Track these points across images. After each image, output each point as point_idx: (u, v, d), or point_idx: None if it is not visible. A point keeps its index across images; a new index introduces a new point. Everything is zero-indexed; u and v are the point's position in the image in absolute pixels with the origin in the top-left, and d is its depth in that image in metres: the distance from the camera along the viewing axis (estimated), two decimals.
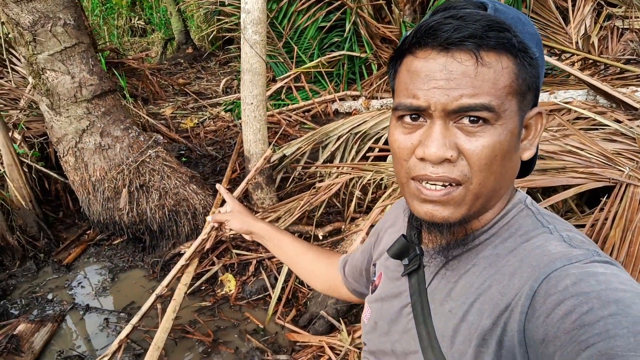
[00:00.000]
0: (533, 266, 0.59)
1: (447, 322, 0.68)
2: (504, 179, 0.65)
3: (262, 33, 3.10)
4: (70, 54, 3.05)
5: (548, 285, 0.56)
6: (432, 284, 0.73)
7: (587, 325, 0.49)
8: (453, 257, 0.71)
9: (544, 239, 0.63)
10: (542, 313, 0.54)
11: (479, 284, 0.65)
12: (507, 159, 0.63)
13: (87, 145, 3.20)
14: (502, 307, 0.60)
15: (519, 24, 0.64)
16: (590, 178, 2.59)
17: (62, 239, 3.71)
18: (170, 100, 5.60)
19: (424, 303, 0.72)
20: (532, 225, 0.67)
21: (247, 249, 3.22)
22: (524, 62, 0.61)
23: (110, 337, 2.84)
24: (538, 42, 0.66)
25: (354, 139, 3.84)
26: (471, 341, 0.63)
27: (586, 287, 0.52)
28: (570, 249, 0.60)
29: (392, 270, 0.83)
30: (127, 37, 8.75)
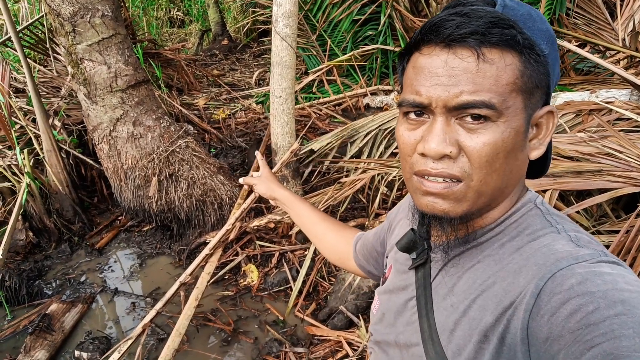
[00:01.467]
0: (539, 264, 0.59)
1: (448, 316, 0.68)
2: (508, 178, 0.64)
3: (293, 26, 3.10)
4: (107, 44, 3.14)
5: (554, 284, 0.55)
6: (437, 279, 0.74)
7: (592, 325, 0.49)
8: (458, 253, 0.71)
9: (551, 238, 0.62)
10: (547, 312, 0.54)
11: (482, 280, 0.65)
12: (512, 157, 0.62)
13: (120, 134, 3.29)
14: (505, 304, 0.60)
15: (529, 20, 0.63)
16: (628, 182, 2.47)
17: (95, 223, 3.85)
18: (204, 91, 5.70)
19: (427, 297, 0.73)
20: (540, 224, 0.66)
21: (270, 241, 3.26)
22: (529, 59, 0.60)
23: (136, 320, 2.93)
24: (550, 38, 0.64)
25: (383, 135, 3.80)
26: (472, 336, 0.63)
27: (592, 287, 0.52)
28: (577, 249, 0.59)
29: (400, 263, 0.84)
30: (166, 28, 8.93)
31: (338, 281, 2.86)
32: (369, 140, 3.79)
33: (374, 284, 2.76)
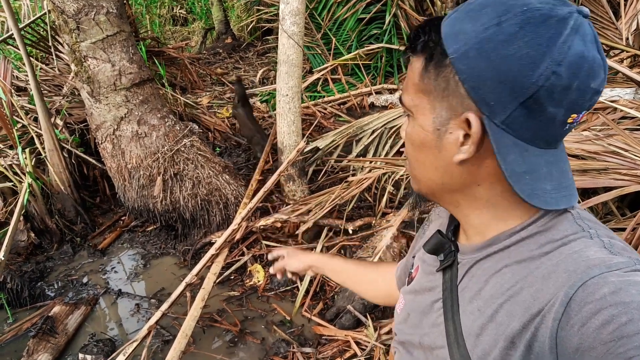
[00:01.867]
0: (569, 271, 0.56)
1: (475, 320, 0.66)
2: (441, 174, 0.67)
3: (300, 24, 3.06)
4: (111, 42, 3.10)
5: (585, 292, 0.52)
6: (463, 282, 0.72)
7: (625, 337, 0.47)
8: (485, 256, 0.69)
9: (582, 244, 0.59)
10: (577, 321, 0.52)
11: (509, 285, 0.63)
12: (422, 151, 0.67)
13: (124, 133, 3.25)
14: (533, 311, 0.58)
15: (456, 23, 0.60)
16: (634, 180, 2.44)
17: (98, 224, 3.82)
18: (207, 89, 5.66)
19: (454, 299, 0.72)
20: (570, 228, 0.62)
21: (277, 241, 3.22)
22: (429, 62, 0.62)
23: (140, 322, 2.89)
24: (467, 41, 0.57)
25: (389, 134, 3.76)
26: (498, 342, 0.61)
27: (626, 297, 0.49)
28: (610, 256, 0.55)
29: (428, 264, 0.82)
30: (169, 26, 8.89)
31: None
32: (375, 138, 3.76)
33: None
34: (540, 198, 0.59)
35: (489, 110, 0.58)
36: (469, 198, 0.68)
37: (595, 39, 0.55)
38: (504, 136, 0.58)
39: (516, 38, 0.54)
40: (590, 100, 0.56)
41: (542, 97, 0.54)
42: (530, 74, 0.54)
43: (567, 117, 0.57)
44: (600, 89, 0.56)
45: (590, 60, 0.54)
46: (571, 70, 0.53)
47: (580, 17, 0.54)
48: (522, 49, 0.54)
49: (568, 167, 0.63)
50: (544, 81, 0.53)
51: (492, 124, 0.58)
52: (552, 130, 0.58)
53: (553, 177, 0.60)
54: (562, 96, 0.54)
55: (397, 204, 3.11)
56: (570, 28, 0.53)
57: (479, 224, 0.69)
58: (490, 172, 0.63)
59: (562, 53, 0.53)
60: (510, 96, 0.55)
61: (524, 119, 0.56)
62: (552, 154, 0.61)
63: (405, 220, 2.77)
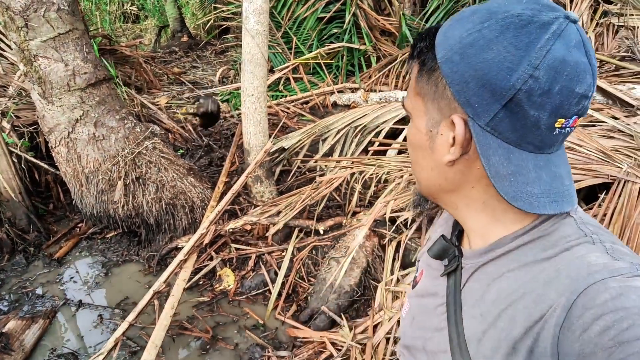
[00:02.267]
0: (571, 277, 0.56)
1: (477, 325, 0.66)
2: (436, 175, 0.68)
3: (264, 23, 3.02)
4: (64, 40, 2.94)
5: (586, 298, 0.53)
6: (467, 286, 0.72)
7: (626, 342, 0.47)
8: (487, 261, 0.69)
9: (585, 249, 0.59)
10: (579, 327, 0.52)
11: (511, 291, 0.63)
12: (419, 152, 0.70)
13: (80, 136, 3.09)
14: (535, 317, 0.58)
15: (448, 29, 0.62)
16: (588, 174, 2.58)
17: (52, 232, 3.61)
18: (164, 89, 5.48)
19: (457, 304, 0.71)
20: (573, 233, 0.62)
21: (246, 243, 3.16)
22: (422, 67, 0.65)
23: (104, 333, 2.76)
24: (452, 46, 0.60)
25: (354, 133, 3.78)
26: (500, 347, 0.61)
27: (627, 302, 0.50)
28: (612, 261, 0.56)
29: (433, 268, 0.82)
30: (120, 23, 8.54)
31: (319, 281, 2.80)
32: (341, 137, 3.76)
33: (355, 282, 2.73)
34: (525, 201, 0.59)
35: (473, 113, 0.59)
36: (465, 200, 0.69)
37: (582, 43, 0.56)
38: (489, 138, 0.59)
39: (495, 43, 0.56)
40: (579, 104, 0.56)
41: (522, 100, 0.55)
42: (508, 77, 0.55)
43: (553, 122, 0.57)
44: (588, 94, 0.56)
45: (573, 65, 0.54)
46: (550, 74, 0.54)
47: (566, 21, 0.55)
48: (500, 54, 0.55)
49: (565, 173, 0.63)
50: (521, 84, 0.54)
51: (476, 125, 0.59)
52: (538, 134, 0.58)
53: (542, 181, 0.60)
54: (543, 99, 0.55)
55: (367, 202, 3.12)
56: (552, 33, 0.54)
57: (478, 227, 0.70)
58: (482, 174, 0.63)
59: (539, 57, 0.54)
60: (492, 99, 0.57)
61: (508, 122, 0.57)
62: (543, 159, 0.60)
63: (377, 219, 2.79)
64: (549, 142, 0.60)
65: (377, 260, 2.79)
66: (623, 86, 3.60)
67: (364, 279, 2.76)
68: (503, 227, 0.67)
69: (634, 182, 2.46)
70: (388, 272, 2.63)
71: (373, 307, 2.56)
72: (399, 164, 3.12)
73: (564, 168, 0.63)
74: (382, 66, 4.87)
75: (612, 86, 3.56)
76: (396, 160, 3.20)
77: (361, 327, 2.51)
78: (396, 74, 4.76)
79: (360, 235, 2.74)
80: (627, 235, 2.29)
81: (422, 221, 2.69)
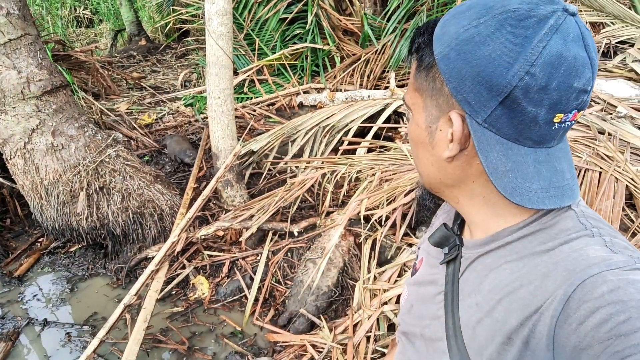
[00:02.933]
0: (569, 270, 0.56)
1: (472, 314, 0.67)
2: (437, 169, 0.69)
3: (228, 25, 2.96)
4: (15, 46, 2.79)
5: (583, 291, 0.53)
6: (464, 275, 0.72)
7: (623, 335, 0.47)
8: (486, 252, 0.69)
9: (584, 242, 0.60)
10: (575, 320, 0.52)
11: (509, 282, 0.63)
12: (419, 148, 0.70)
13: (37, 146, 2.94)
14: (532, 309, 0.58)
15: (445, 25, 0.62)
16: None
17: (11, 248, 3.42)
18: (124, 95, 5.30)
19: (454, 293, 0.72)
20: (573, 226, 0.62)
21: (219, 250, 3.09)
22: (420, 63, 0.66)
23: (73, 352, 2.63)
24: (449, 42, 0.59)
25: (323, 132, 3.77)
26: (495, 337, 0.62)
27: (624, 296, 0.50)
28: (610, 255, 0.56)
29: (432, 256, 0.83)
30: (72, 28, 8.21)
31: (296, 284, 2.77)
32: (310, 137, 3.74)
33: (332, 283, 2.71)
34: (523, 196, 0.59)
35: (470, 109, 0.59)
36: (466, 194, 0.69)
37: (581, 37, 0.55)
38: (487, 134, 0.59)
39: (491, 39, 0.55)
40: (577, 99, 0.56)
41: (518, 96, 0.55)
42: (504, 74, 0.54)
43: (551, 117, 0.56)
44: (587, 88, 0.56)
45: (571, 60, 0.54)
46: (547, 70, 0.53)
47: (564, 15, 0.54)
48: (496, 50, 0.55)
49: (566, 167, 0.62)
50: (517, 81, 0.54)
51: (474, 122, 0.59)
52: (537, 129, 0.57)
53: (542, 176, 0.60)
54: (540, 96, 0.54)
55: (340, 202, 3.11)
56: (549, 27, 0.53)
57: (480, 220, 0.70)
58: (482, 170, 0.62)
59: (535, 53, 0.53)
60: (488, 95, 0.56)
61: (505, 118, 0.57)
62: (543, 153, 0.60)
63: (351, 218, 2.78)
64: (549, 137, 0.59)
65: (354, 259, 2.79)
66: None
67: (341, 278, 2.75)
68: (504, 220, 0.67)
69: (593, 171, 2.56)
70: (365, 270, 2.63)
71: (352, 307, 2.55)
72: (370, 162, 3.12)
73: (565, 162, 0.62)
74: (347, 66, 4.89)
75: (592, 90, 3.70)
76: (367, 158, 3.21)
77: (341, 327, 2.49)
78: (361, 73, 4.79)
79: (336, 235, 2.73)
80: None
81: (396, 218, 2.70)
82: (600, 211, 2.39)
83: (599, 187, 2.48)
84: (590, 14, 5.19)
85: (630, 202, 2.47)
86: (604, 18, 5.13)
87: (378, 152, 3.42)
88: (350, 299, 2.68)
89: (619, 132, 2.83)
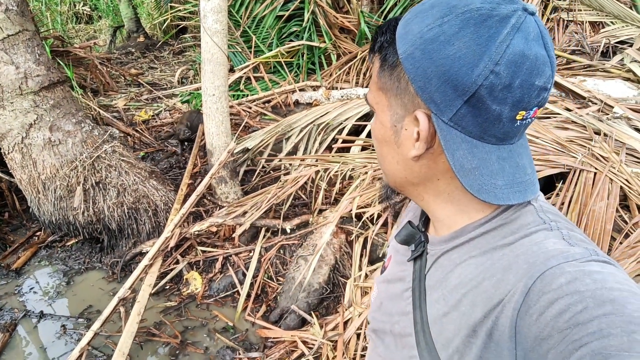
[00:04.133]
0: (529, 263, 0.58)
1: (439, 309, 0.68)
2: (403, 168, 0.69)
3: (223, 22, 2.99)
4: (13, 42, 2.82)
5: (542, 283, 0.54)
6: (431, 271, 0.74)
7: (580, 324, 0.49)
8: (451, 248, 0.71)
9: (543, 235, 0.62)
10: (536, 311, 0.53)
11: (473, 276, 0.65)
12: (384, 146, 0.70)
13: (35, 141, 2.98)
14: (494, 301, 0.60)
15: (407, 23, 0.62)
16: (546, 165, 2.69)
17: (9, 241, 3.46)
18: (122, 91, 5.33)
19: (422, 288, 0.73)
20: (533, 221, 0.64)
21: (212, 245, 3.13)
22: (384, 62, 0.65)
23: (68, 344, 2.68)
24: (414, 41, 0.60)
25: (317, 130, 3.80)
26: (460, 330, 0.63)
27: (581, 286, 0.51)
28: (568, 247, 0.58)
29: (400, 254, 0.84)
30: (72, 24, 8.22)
31: (287, 280, 2.82)
32: (304, 136, 3.78)
33: (324, 280, 2.76)
34: (489, 193, 0.60)
35: (436, 108, 0.59)
36: (431, 192, 0.70)
37: (540, 35, 0.56)
38: (452, 133, 0.60)
39: (456, 39, 0.56)
40: (538, 97, 0.57)
41: (483, 95, 0.56)
42: (469, 73, 0.55)
43: (514, 114, 0.57)
44: (547, 85, 0.57)
45: (533, 58, 0.55)
46: (511, 69, 0.54)
47: (524, 14, 0.55)
48: (461, 50, 0.55)
49: (527, 162, 0.64)
50: (483, 80, 0.55)
51: (440, 121, 0.60)
52: (500, 127, 0.58)
53: (506, 172, 0.61)
54: (504, 94, 0.55)
55: (332, 200, 3.15)
56: (511, 27, 0.54)
57: (444, 217, 0.71)
58: (447, 168, 0.64)
59: (499, 52, 0.54)
60: (454, 95, 0.57)
61: (470, 117, 0.58)
62: (506, 150, 0.61)
63: (343, 215, 2.82)
64: (511, 134, 0.61)
65: (345, 257, 2.83)
66: (574, 79, 3.77)
67: (332, 276, 2.79)
68: (467, 217, 0.68)
69: (588, 171, 2.58)
70: (356, 268, 2.67)
71: (342, 304, 2.60)
72: (364, 160, 3.16)
73: (526, 157, 0.64)
74: (343, 64, 4.92)
75: (564, 79, 3.71)
76: (360, 157, 3.25)
77: (332, 324, 2.53)
78: (357, 71, 4.81)
79: (328, 233, 2.77)
80: (584, 222, 2.37)
81: (388, 216, 2.74)
82: (594, 212, 2.40)
83: (593, 188, 2.49)
84: (590, 13, 5.21)
85: (625, 204, 2.48)
86: (604, 17, 5.14)
87: (371, 151, 3.46)
88: (342, 296, 2.72)
89: (615, 133, 2.85)
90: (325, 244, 2.75)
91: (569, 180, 2.59)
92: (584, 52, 4.74)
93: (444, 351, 0.66)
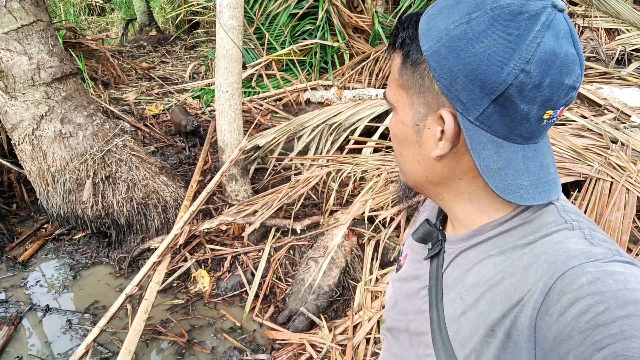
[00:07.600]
0: (550, 262, 0.57)
1: (456, 308, 0.67)
2: (423, 168, 0.68)
3: (239, 18, 2.95)
4: (27, 32, 2.80)
5: (563, 282, 0.53)
6: (448, 270, 0.73)
7: (602, 325, 0.48)
8: (469, 246, 0.70)
9: (564, 235, 0.60)
10: (556, 311, 0.52)
11: (491, 275, 0.64)
12: (405, 146, 0.68)
13: (45, 133, 2.96)
14: (514, 301, 0.58)
15: (431, 19, 0.60)
16: (562, 173, 2.64)
17: (16, 233, 3.45)
18: (133, 85, 5.31)
19: (438, 287, 0.73)
20: (554, 221, 0.63)
21: (221, 244, 3.09)
22: (406, 59, 0.63)
23: (73, 340, 2.65)
24: (439, 38, 0.58)
25: (329, 130, 3.76)
26: (478, 329, 0.62)
27: (603, 287, 0.50)
28: (590, 247, 0.56)
29: (416, 252, 0.83)
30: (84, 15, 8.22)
31: (297, 282, 2.78)
32: (316, 135, 3.74)
33: (334, 282, 2.72)
34: (515, 194, 0.59)
35: (462, 107, 0.58)
36: (452, 191, 0.69)
37: (570, 33, 0.55)
38: (478, 132, 0.58)
39: (485, 36, 0.54)
40: (567, 96, 0.56)
41: (513, 94, 0.54)
42: (499, 72, 0.53)
43: (542, 114, 0.56)
44: (576, 84, 0.56)
45: (563, 57, 0.53)
46: (541, 67, 0.53)
47: (554, 11, 0.54)
48: (490, 47, 0.53)
49: (550, 161, 0.63)
50: (513, 79, 0.53)
51: (465, 120, 0.58)
52: (527, 126, 0.57)
53: (531, 172, 0.60)
54: (533, 93, 0.54)
55: (344, 201, 3.11)
56: (542, 24, 0.53)
57: (464, 216, 0.70)
58: (470, 167, 0.63)
59: (530, 51, 0.52)
60: (481, 94, 0.55)
61: (497, 116, 0.56)
62: (531, 149, 0.60)
63: (355, 218, 2.78)
64: (537, 133, 0.59)
65: (356, 260, 2.79)
66: (590, 86, 3.71)
67: (342, 279, 2.75)
68: (487, 216, 0.67)
69: (604, 180, 2.53)
70: (367, 271, 2.63)
71: (352, 308, 2.55)
72: (377, 162, 3.12)
73: (549, 156, 0.63)
74: (355, 63, 4.87)
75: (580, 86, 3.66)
76: (373, 158, 3.20)
77: (341, 327, 2.49)
78: (369, 71, 4.77)
79: (339, 235, 2.72)
80: None
81: (401, 220, 2.70)
82: (610, 222, 2.36)
83: (609, 198, 2.45)
84: (606, 20, 5.15)
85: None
86: (620, 25, 5.08)
87: (384, 153, 3.41)
88: (351, 299, 2.68)
89: (632, 142, 2.80)
90: (336, 246, 2.70)
91: (584, 189, 2.54)
92: (599, 59, 4.68)
93: (460, 350, 0.65)
